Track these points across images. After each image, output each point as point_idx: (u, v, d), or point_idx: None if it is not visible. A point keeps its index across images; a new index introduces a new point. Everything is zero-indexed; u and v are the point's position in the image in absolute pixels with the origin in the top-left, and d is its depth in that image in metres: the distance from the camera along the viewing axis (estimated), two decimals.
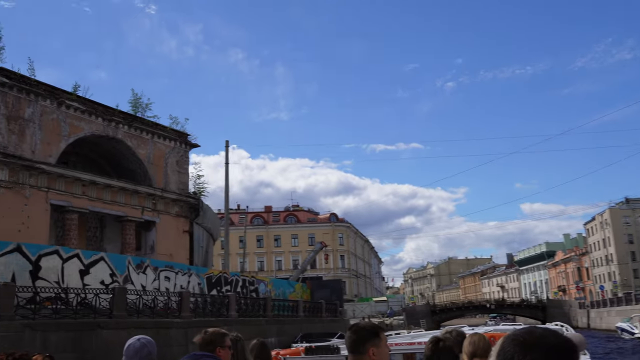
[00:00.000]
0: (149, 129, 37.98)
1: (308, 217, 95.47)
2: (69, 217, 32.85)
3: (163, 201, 38.38)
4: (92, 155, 38.28)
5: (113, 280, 20.12)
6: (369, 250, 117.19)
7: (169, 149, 39.59)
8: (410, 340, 14.91)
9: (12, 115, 30.65)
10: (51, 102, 32.55)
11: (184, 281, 23.81)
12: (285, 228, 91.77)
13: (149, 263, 22.07)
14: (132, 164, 38.12)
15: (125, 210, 36.01)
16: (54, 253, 18.49)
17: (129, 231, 36.26)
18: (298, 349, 20.18)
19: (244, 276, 29.25)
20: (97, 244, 37.66)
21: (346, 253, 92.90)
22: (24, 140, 31.02)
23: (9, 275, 17.13)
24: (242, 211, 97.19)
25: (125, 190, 35.80)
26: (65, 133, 33.19)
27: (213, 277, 26.01)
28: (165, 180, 38.89)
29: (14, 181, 30.29)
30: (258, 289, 29.72)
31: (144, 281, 21.59)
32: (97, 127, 34.99)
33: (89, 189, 33.89)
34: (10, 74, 30.67)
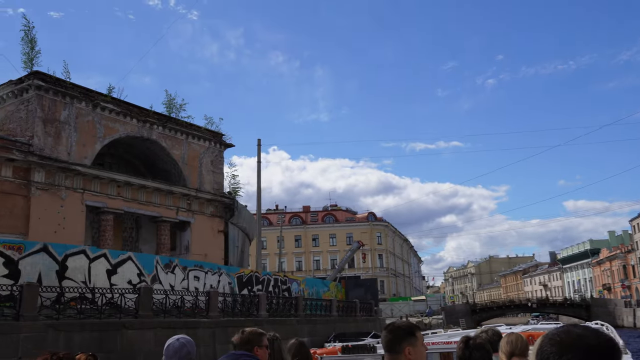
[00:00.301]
0: (183, 129, 37.94)
1: (346, 216, 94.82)
2: (104, 218, 32.98)
3: (198, 201, 38.30)
4: (127, 156, 38.43)
5: (141, 280, 19.91)
6: (408, 250, 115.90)
7: (204, 149, 39.50)
8: (447, 339, 14.62)
9: (48, 118, 30.89)
10: (86, 104, 32.72)
11: (213, 281, 23.51)
12: (324, 228, 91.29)
13: (178, 263, 21.80)
14: (166, 164, 38.14)
15: (160, 211, 36.02)
16: (81, 253, 18.35)
17: (163, 231, 36.26)
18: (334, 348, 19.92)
19: (276, 275, 28.84)
20: (132, 244, 37.79)
21: (384, 252, 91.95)
22: (59, 143, 31.24)
23: (36, 275, 17.03)
24: (281, 211, 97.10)
25: (159, 191, 35.81)
26: (101, 135, 33.33)
27: (244, 276, 25.65)
28: (200, 180, 38.80)
29: (50, 183, 30.51)
30: (290, 288, 29.27)
31: (173, 281, 21.33)
32: (132, 128, 35.07)
33: (124, 189, 33.97)
34: (46, 77, 30.92)
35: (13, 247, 16.80)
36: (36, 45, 31.24)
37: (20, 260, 16.83)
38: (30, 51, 30.99)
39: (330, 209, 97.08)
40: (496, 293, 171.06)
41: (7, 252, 16.61)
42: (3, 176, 29.13)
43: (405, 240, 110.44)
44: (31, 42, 31.06)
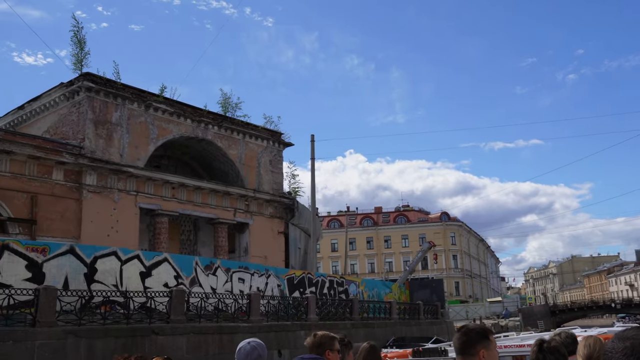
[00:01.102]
0: (239, 128, 36.58)
1: (418, 217, 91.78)
2: (159, 220, 31.93)
3: (256, 202, 36.83)
4: (184, 158, 37.40)
5: (178, 282, 18.39)
6: (484, 250, 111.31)
7: (262, 148, 38.02)
8: (520, 342, 13.83)
9: (99, 120, 30.12)
10: (139, 105, 31.81)
11: (260, 283, 21.78)
12: (395, 229, 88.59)
13: (220, 264, 20.19)
14: (223, 165, 36.88)
15: (217, 213, 34.73)
16: (112, 254, 16.99)
17: (221, 233, 34.95)
18: (405, 352, 19.30)
19: (332, 277, 26.87)
20: (190, 247, 36.70)
21: (459, 253, 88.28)
22: (111, 145, 30.41)
23: (62, 278, 15.75)
24: (352, 213, 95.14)
25: (216, 192, 34.53)
26: (154, 136, 32.35)
27: (295, 278, 23.81)
28: (258, 180, 37.33)
29: (102, 185, 29.69)
30: (348, 290, 27.23)
31: (214, 283, 19.72)
32: (186, 128, 33.96)
33: (179, 191, 32.86)
34: (97, 78, 30.16)
35: (37, 249, 15.58)
36: (85, 46, 30.56)
37: (44, 262, 15.59)
38: (80, 52, 30.33)
39: (402, 210, 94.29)
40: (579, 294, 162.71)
41: (30, 255, 15.40)
42: (54, 179, 28.48)
43: (481, 240, 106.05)
44: (80, 43, 30.39)
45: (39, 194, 27.76)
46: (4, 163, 26.95)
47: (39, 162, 27.94)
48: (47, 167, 28.26)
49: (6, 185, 26.83)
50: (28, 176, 27.53)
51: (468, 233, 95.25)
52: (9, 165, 27.05)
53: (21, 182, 27.31)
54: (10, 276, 14.90)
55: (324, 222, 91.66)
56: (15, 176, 27.15)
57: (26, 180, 27.45)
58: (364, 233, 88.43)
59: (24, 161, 27.43)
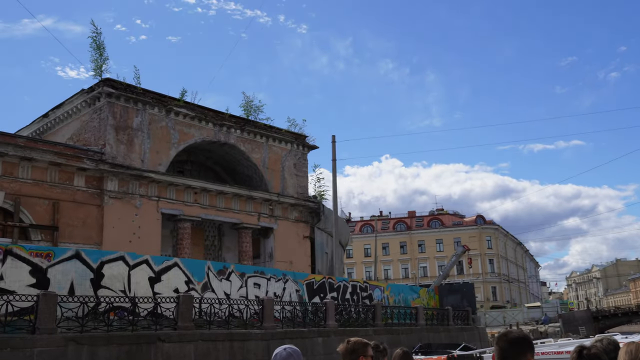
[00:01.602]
0: (262, 132, 36.17)
1: (453, 220, 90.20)
2: (181, 225, 31.67)
3: (280, 206, 36.34)
4: (208, 162, 37.18)
5: (189, 287, 17.93)
6: (523, 254, 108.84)
7: (285, 151, 37.54)
8: (558, 349, 13.35)
9: (120, 125, 30.05)
10: (159, 109, 31.67)
11: (277, 288, 21.19)
12: (429, 233, 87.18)
13: (234, 269, 19.65)
14: (247, 169, 36.52)
15: (241, 217, 34.34)
16: (119, 259, 16.62)
17: (245, 239, 34.54)
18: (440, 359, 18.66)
19: (355, 282, 26.08)
20: (215, 252, 36.39)
21: (495, 257, 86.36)
22: (132, 150, 30.30)
23: (67, 284, 15.43)
24: (385, 217, 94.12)
25: (239, 197, 34.16)
26: (175, 140, 32.16)
27: (315, 283, 23.14)
28: (283, 184, 36.85)
29: (124, 191, 29.56)
30: (372, 295, 26.45)
31: (228, 288, 19.20)
32: (208, 132, 33.69)
33: (201, 196, 32.57)
34: (116, 83, 30.12)
35: (41, 254, 15.30)
36: (104, 52, 30.56)
37: (49, 268, 15.29)
38: (99, 58, 30.35)
39: (436, 213, 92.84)
40: (624, 299, 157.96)
41: (34, 260, 15.12)
42: (75, 186, 28.46)
43: (519, 244, 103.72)
44: (99, 49, 30.41)
45: (61, 201, 27.77)
46: (26, 170, 27.02)
47: (60, 169, 27.96)
48: (68, 173, 28.27)
49: (28, 192, 26.90)
50: (50, 183, 27.57)
51: (505, 236, 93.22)
52: (30, 172, 27.12)
53: (43, 188, 27.35)
54: (14, 282, 14.65)
55: (357, 227, 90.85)
56: (37, 183, 27.21)
57: (48, 186, 27.49)
58: (397, 238, 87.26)
59: (45, 168, 27.48)
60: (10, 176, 26.49)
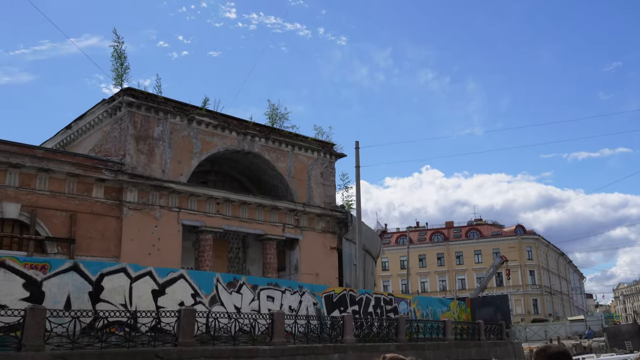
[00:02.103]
0: (287, 140, 35.18)
1: (492, 230, 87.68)
2: (202, 237, 30.82)
3: (306, 216, 35.20)
4: (233, 172, 36.34)
5: (196, 301, 16.90)
6: (566, 265, 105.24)
7: (312, 160, 36.45)
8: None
9: (140, 135, 29.42)
10: (181, 118, 30.97)
11: (293, 301, 20.01)
12: (467, 244, 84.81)
13: (245, 281, 18.56)
14: (272, 178, 35.53)
15: (264, 228, 33.31)
16: (120, 271, 15.71)
17: (269, 250, 33.48)
18: None
19: (378, 294, 24.72)
20: (239, 265, 35.45)
21: (536, 268, 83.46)
22: (153, 160, 29.62)
23: (63, 298, 14.56)
24: (422, 228, 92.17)
25: (263, 207, 33.16)
26: (197, 150, 31.40)
27: (334, 295, 21.87)
28: (309, 193, 35.73)
29: (144, 202, 28.86)
30: (398, 308, 25.03)
31: (239, 302, 18.11)
32: (231, 141, 32.85)
33: (223, 207, 31.67)
34: (137, 93, 29.54)
35: (36, 266, 14.47)
36: (125, 61, 30.03)
37: (44, 281, 14.44)
38: (120, 67, 29.83)
39: (474, 224, 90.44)
40: None
41: (28, 272, 14.30)
42: (94, 197, 27.86)
43: (561, 254, 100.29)
44: (120, 58, 29.90)
45: (79, 212, 27.19)
46: (43, 182, 26.54)
47: (78, 180, 27.42)
48: (87, 184, 27.71)
49: (45, 204, 26.39)
50: (67, 194, 27.03)
51: (546, 247, 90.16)
52: (48, 183, 26.62)
53: (60, 200, 26.83)
54: (6, 296, 13.83)
55: (392, 238, 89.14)
56: (55, 194, 26.69)
57: (65, 198, 26.96)
58: (434, 249, 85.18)
59: (63, 179, 26.96)
60: (27, 188, 26.02)
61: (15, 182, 25.80)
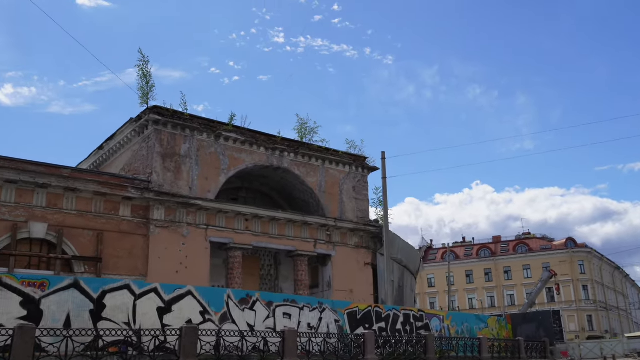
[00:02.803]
0: (318, 154, 34.36)
1: (541, 244, 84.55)
2: (231, 254, 30.17)
3: (339, 232, 34.19)
4: (264, 189, 35.70)
5: (205, 318, 16.13)
6: (623, 279, 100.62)
7: (344, 174, 35.51)
8: None
9: (167, 153, 29.11)
10: (208, 135, 30.57)
11: (312, 318, 19.02)
12: (515, 258, 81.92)
13: (259, 297, 17.68)
14: (303, 194, 34.72)
15: (295, 244, 32.45)
16: (124, 288, 15.07)
17: (300, 267, 32.58)
18: None
19: (407, 310, 23.42)
20: (271, 282, 34.63)
21: (589, 282, 79.84)
22: (180, 177, 29.24)
23: (63, 316, 14.00)
24: (468, 243, 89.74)
25: (293, 222, 32.34)
26: (225, 166, 30.89)
27: (358, 312, 20.76)
28: (341, 208, 34.74)
29: (171, 220, 28.43)
30: (430, 325, 23.71)
31: (252, 319, 17.24)
32: (260, 157, 32.24)
33: (253, 223, 31.00)
34: (163, 110, 29.29)
35: (34, 284, 13.98)
36: (151, 79, 29.87)
37: (42, 298, 13.92)
38: (145, 85, 29.68)
39: (523, 238, 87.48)
40: None
41: (26, 290, 13.81)
42: (121, 216, 27.58)
43: (616, 268, 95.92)
44: (146, 77, 29.76)
45: (106, 231, 26.94)
46: (70, 201, 26.41)
47: (105, 199, 27.21)
48: (113, 203, 27.48)
49: (72, 223, 26.23)
50: (94, 213, 26.84)
51: (600, 260, 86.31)
52: (75, 203, 26.48)
53: (87, 219, 26.64)
54: (2, 315, 13.36)
55: (438, 254, 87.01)
56: (82, 214, 26.52)
57: (92, 217, 26.76)
58: (481, 264, 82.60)
59: (90, 198, 26.80)
60: (54, 207, 25.93)
61: (43, 202, 25.75)
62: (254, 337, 15.33)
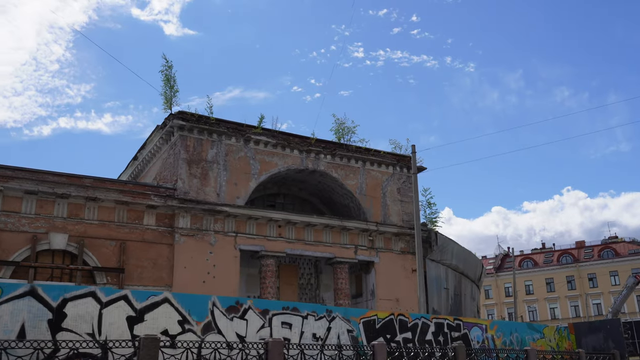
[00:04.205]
0: (357, 155, 32.31)
1: (629, 248, 78.18)
2: (264, 262, 28.54)
3: (382, 237, 31.92)
4: (302, 194, 33.97)
5: (184, 328, 14.43)
6: None
7: (387, 176, 33.25)
8: None
9: (193, 159, 27.97)
10: (237, 139, 29.23)
11: (318, 328, 16.96)
12: (600, 264, 75.98)
13: (251, 304, 15.88)
14: (343, 198, 32.72)
15: (334, 251, 30.45)
16: (88, 296, 13.59)
17: (340, 275, 30.50)
18: None
19: (440, 319, 20.84)
20: (312, 292, 32.69)
21: None
22: (207, 184, 27.99)
23: (17, 326, 12.66)
24: (549, 250, 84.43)
25: (331, 228, 30.38)
26: (255, 171, 29.40)
27: (377, 321, 18.45)
28: (384, 212, 32.48)
29: (197, 228, 27.17)
30: (469, 335, 21.10)
31: (243, 329, 15.42)
32: (293, 160, 30.58)
33: (285, 229, 29.29)
34: (187, 115, 28.17)
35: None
36: (175, 85, 28.88)
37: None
38: (170, 90, 28.74)
39: (609, 242, 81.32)
40: None
41: None
42: (145, 225, 26.58)
43: None
44: (169, 82, 28.82)
45: (129, 241, 25.98)
46: (92, 211, 25.66)
47: (128, 208, 26.31)
48: (137, 212, 26.54)
49: (94, 233, 25.44)
50: (117, 223, 25.96)
51: None
52: (97, 212, 25.72)
53: (109, 229, 25.78)
54: None
55: (516, 262, 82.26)
56: (104, 223, 25.70)
57: (115, 227, 25.88)
58: (563, 272, 77.13)
59: (112, 208, 25.97)
60: (76, 218, 25.22)
61: (64, 212, 25.10)
62: (223, 348, 13.44)
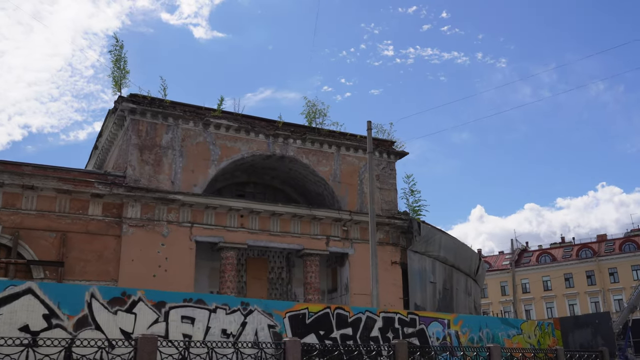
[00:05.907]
0: (330, 140, 29.91)
1: None
2: (223, 255, 26.35)
3: (358, 227, 29.45)
4: (275, 183, 31.66)
5: (51, 324, 12.31)
6: None
7: (364, 161, 30.80)
8: None
9: (145, 145, 25.88)
10: (195, 123, 27.08)
11: (230, 323, 14.62)
12: (622, 258, 72.02)
13: (143, 295, 13.70)
14: (316, 185, 30.35)
15: (302, 242, 28.10)
16: None
17: (311, 268, 28.13)
18: None
19: (390, 313, 18.19)
20: (282, 287, 30.32)
21: None
22: (160, 171, 25.89)
23: None
24: (568, 244, 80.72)
25: (299, 217, 28.04)
26: (215, 157, 27.21)
27: (306, 315, 16.01)
28: (361, 200, 30.01)
29: (148, 218, 25.08)
30: (426, 331, 18.55)
31: (130, 325, 13.22)
32: (259, 145, 28.31)
33: (248, 219, 27.04)
34: (139, 98, 26.13)
35: None
36: (126, 65, 26.88)
37: None
38: (118, 71, 26.74)
39: (631, 235, 77.33)
40: None
41: None
42: (90, 215, 24.57)
43: None
44: (119, 62, 26.82)
45: (71, 232, 23.98)
46: (30, 200, 23.73)
47: (71, 197, 24.34)
48: (81, 201, 24.55)
49: (31, 224, 23.48)
50: (58, 213, 23.99)
51: None
52: (35, 202, 23.78)
53: (49, 220, 23.81)
54: None
55: (533, 257, 78.72)
56: (43, 214, 23.75)
57: (55, 217, 23.91)
58: (582, 267, 73.35)
59: (53, 197, 24.02)
60: (12, 208, 23.33)
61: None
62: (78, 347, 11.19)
